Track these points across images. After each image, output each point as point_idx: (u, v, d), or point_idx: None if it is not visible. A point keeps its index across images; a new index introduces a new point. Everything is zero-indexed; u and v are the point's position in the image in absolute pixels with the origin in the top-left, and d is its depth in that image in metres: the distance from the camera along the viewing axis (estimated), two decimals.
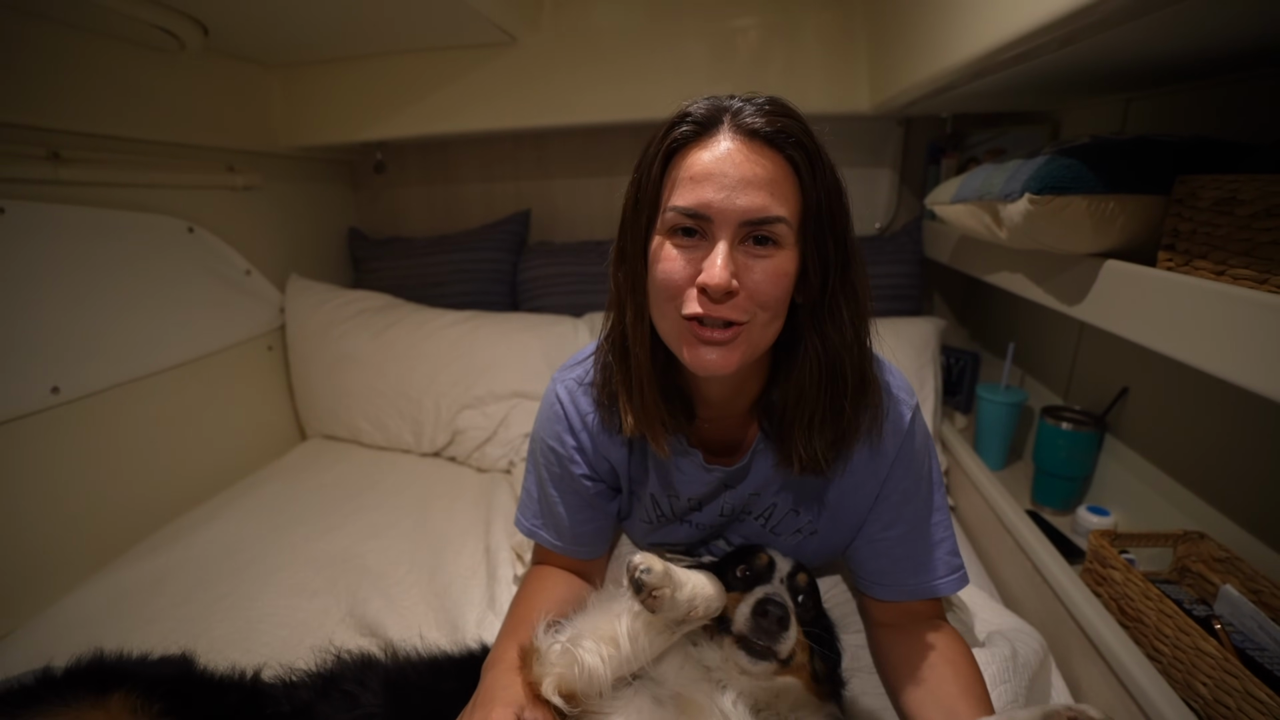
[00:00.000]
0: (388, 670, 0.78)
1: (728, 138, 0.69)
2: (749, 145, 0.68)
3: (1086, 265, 0.99)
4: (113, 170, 1.43)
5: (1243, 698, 0.75)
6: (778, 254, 0.70)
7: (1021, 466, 1.61)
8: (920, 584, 0.85)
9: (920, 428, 0.86)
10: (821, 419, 0.77)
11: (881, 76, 1.56)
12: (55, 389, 1.26)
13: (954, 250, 1.61)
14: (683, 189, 0.70)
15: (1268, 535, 0.96)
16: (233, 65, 1.75)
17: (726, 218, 0.68)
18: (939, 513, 0.87)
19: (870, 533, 0.87)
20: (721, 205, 0.67)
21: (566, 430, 0.91)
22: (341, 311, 1.87)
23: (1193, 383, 1.13)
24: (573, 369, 0.93)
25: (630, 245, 0.76)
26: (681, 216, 0.69)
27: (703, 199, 0.68)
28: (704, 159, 0.69)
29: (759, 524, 0.92)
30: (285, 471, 1.69)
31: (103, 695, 0.68)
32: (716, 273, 0.67)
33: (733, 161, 0.68)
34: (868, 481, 0.85)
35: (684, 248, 0.70)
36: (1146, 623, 0.92)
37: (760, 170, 0.68)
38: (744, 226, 0.68)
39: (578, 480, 0.92)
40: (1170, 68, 1.04)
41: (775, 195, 0.68)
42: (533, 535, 0.97)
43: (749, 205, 0.67)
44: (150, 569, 1.26)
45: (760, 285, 0.69)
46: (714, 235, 0.69)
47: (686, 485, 0.90)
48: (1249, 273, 0.73)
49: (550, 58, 1.77)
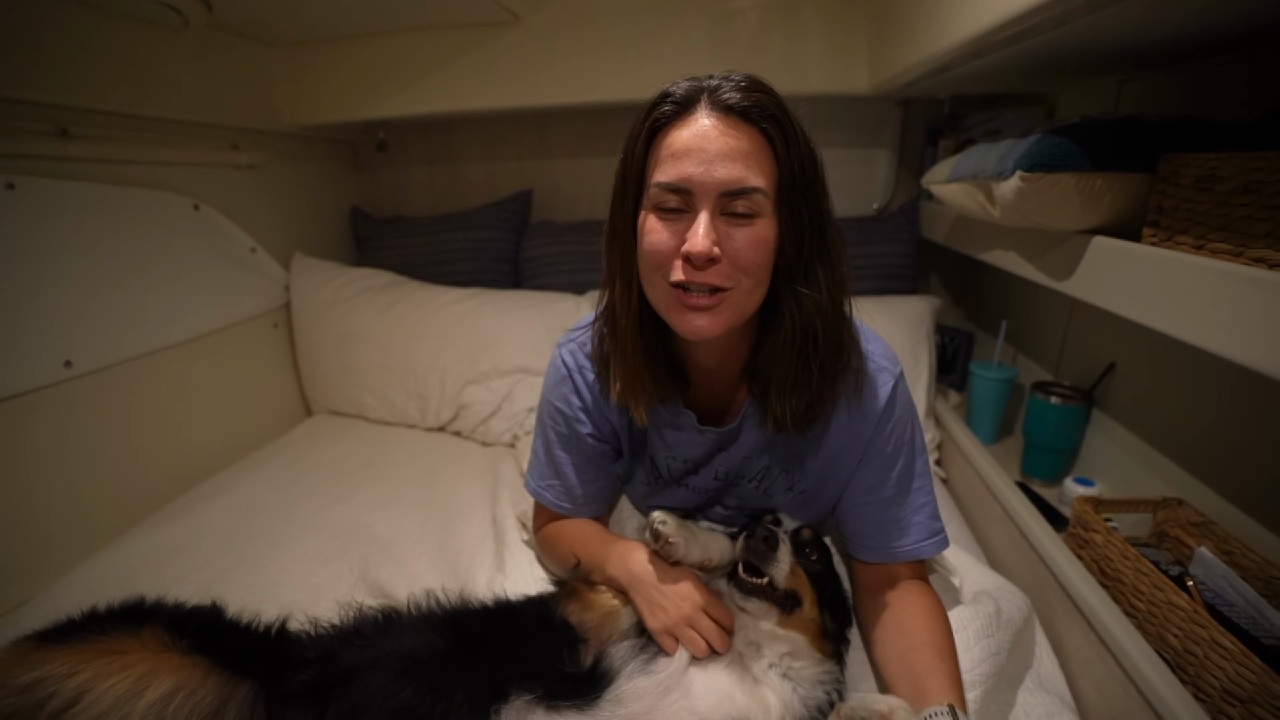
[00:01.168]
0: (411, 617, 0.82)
1: (705, 115, 0.73)
2: (725, 121, 0.73)
3: (1075, 242, 1.02)
4: (119, 147, 1.45)
5: (1209, 646, 0.79)
6: (756, 222, 0.74)
7: (1012, 441, 1.65)
8: (902, 546, 0.89)
9: (903, 395, 0.91)
10: (795, 380, 0.81)
11: (880, 57, 1.58)
12: (68, 363, 1.29)
13: (949, 230, 1.64)
14: (665, 165, 0.74)
15: (1241, 500, 1.01)
16: (236, 43, 1.75)
17: (706, 189, 0.72)
18: (921, 478, 0.91)
19: (854, 496, 0.92)
20: (702, 178, 0.72)
21: (572, 391, 0.96)
22: (346, 289, 1.90)
23: (1175, 358, 1.17)
24: (575, 334, 0.98)
25: (619, 223, 0.81)
26: (665, 192, 0.74)
27: (684, 173, 0.72)
28: (684, 136, 0.73)
29: (753, 487, 0.97)
30: (293, 446, 1.72)
31: (138, 627, 0.75)
32: (699, 240, 0.71)
33: (710, 137, 0.72)
34: (851, 445, 0.89)
35: (669, 221, 0.75)
36: (1124, 581, 0.97)
37: (736, 143, 0.72)
38: (723, 198, 0.73)
39: (584, 439, 0.97)
40: (1160, 50, 1.06)
41: (751, 167, 0.73)
42: (539, 495, 1.02)
43: (727, 176, 0.72)
44: (165, 538, 1.29)
45: (741, 252, 0.74)
46: (696, 207, 0.73)
47: (683, 446, 0.95)
48: (1226, 246, 0.76)
49: (552, 37, 1.78)
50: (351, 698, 0.70)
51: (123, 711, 0.67)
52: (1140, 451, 1.25)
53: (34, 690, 0.67)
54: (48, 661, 0.69)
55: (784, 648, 0.80)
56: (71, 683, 0.67)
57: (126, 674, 0.69)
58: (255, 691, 0.72)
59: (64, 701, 0.66)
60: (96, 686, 0.68)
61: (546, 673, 0.73)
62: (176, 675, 0.71)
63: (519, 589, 1.01)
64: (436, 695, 0.70)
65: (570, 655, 0.77)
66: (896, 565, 0.91)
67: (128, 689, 0.68)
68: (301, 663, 0.75)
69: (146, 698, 0.68)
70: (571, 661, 0.76)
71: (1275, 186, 0.70)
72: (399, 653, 0.75)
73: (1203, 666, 0.81)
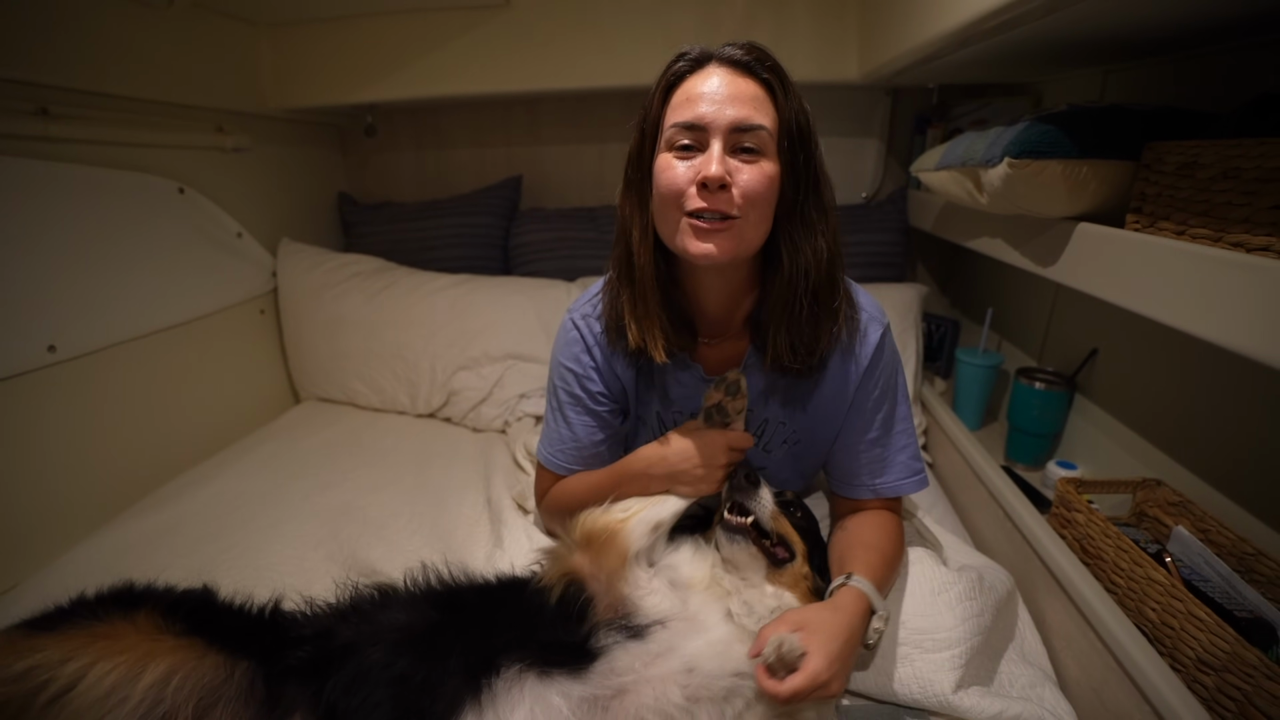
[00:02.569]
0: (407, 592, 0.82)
1: (715, 68, 0.84)
2: (733, 71, 0.84)
3: (1060, 228, 1.04)
4: (102, 128, 1.42)
5: (1185, 619, 0.82)
6: (761, 159, 0.83)
7: (997, 426, 1.68)
8: (884, 483, 0.99)
9: (890, 345, 1.01)
10: (792, 316, 0.89)
11: (870, 45, 1.58)
12: (51, 348, 1.27)
13: (937, 218, 1.66)
14: (681, 109, 0.84)
15: (1217, 481, 1.04)
16: (221, 23, 1.72)
17: (718, 125, 0.81)
18: (903, 422, 1.00)
19: (844, 439, 1.00)
20: (714, 116, 0.81)
21: (583, 350, 1.02)
22: (335, 275, 1.88)
23: (1155, 342, 1.20)
24: (584, 304, 1.04)
25: (634, 172, 0.91)
26: (681, 131, 0.83)
27: (697, 112, 0.82)
28: (698, 85, 0.84)
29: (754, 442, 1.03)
30: (281, 432, 1.71)
31: (131, 612, 0.74)
32: (713, 166, 0.80)
33: (720, 84, 0.83)
34: (842, 390, 0.97)
35: (684, 158, 0.84)
36: (1105, 559, 1.00)
37: (743, 89, 0.83)
38: (733, 133, 0.82)
39: (594, 396, 1.02)
40: (1145, 40, 1.08)
41: (757, 109, 0.82)
42: (550, 461, 1.07)
43: (736, 114, 0.81)
44: (153, 524, 1.28)
45: (749, 184, 0.82)
46: (708, 143, 0.82)
47: (687, 400, 1.02)
48: (1206, 231, 0.78)
49: (542, 21, 1.77)
50: (350, 670, 0.70)
51: (121, 694, 0.66)
52: (1121, 435, 1.28)
53: (27, 678, 0.66)
54: (40, 649, 0.68)
55: (774, 603, 0.82)
56: (67, 669, 0.66)
57: (123, 657, 0.69)
58: (254, 669, 0.72)
59: (60, 688, 0.65)
60: (92, 671, 0.67)
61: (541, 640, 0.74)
62: (173, 657, 0.70)
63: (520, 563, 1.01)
64: (431, 664, 0.71)
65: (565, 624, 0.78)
66: (877, 500, 1.01)
67: (125, 672, 0.68)
68: (299, 640, 0.76)
69: (144, 680, 0.68)
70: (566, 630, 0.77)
71: (1253, 173, 0.72)
72: (395, 626, 0.75)
73: (1179, 638, 0.83)
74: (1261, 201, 0.70)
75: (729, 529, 0.86)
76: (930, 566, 0.95)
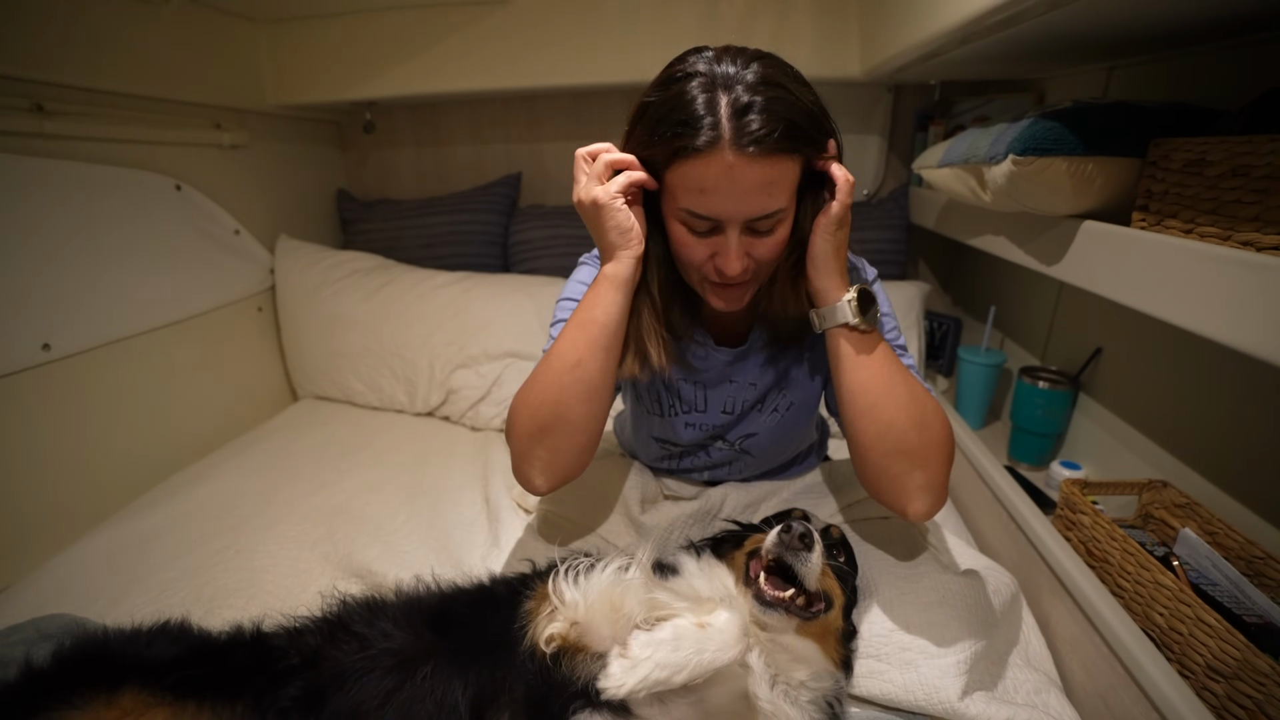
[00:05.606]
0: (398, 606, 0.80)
1: (730, 153, 0.72)
2: (751, 160, 0.72)
3: (1065, 226, 1.03)
4: (98, 124, 1.41)
5: (1194, 624, 0.81)
6: (779, 229, 0.81)
7: (1000, 426, 1.67)
8: None
9: (879, 289, 0.97)
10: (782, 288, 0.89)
11: (872, 41, 1.57)
12: (46, 345, 1.26)
13: (939, 215, 1.64)
14: (693, 197, 0.77)
15: (1224, 482, 1.03)
16: (219, 18, 1.71)
17: (735, 220, 0.77)
18: (902, 350, 0.93)
19: None
20: (731, 214, 0.77)
21: None
22: (333, 273, 1.87)
23: (1160, 341, 1.18)
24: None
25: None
26: (695, 219, 0.79)
27: (713, 209, 0.77)
28: (711, 175, 0.74)
29: (755, 410, 1.04)
30: (278, 431, 1.70)
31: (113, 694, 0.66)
32: (732, 264, 0.79)
33: (735, 178, 0.73)
34: None
35: (699, 234, 0.81)
36: (1111, 562, 0.98)
37: (761, 176, 0.74)
38: (750, 221, 0.78)
39: None
40: (1149, 36, 1.06)
41: (774, 194, 0.76)
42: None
43: (752, 209, 0.76)
44: (148, 524, 1.27)
45: (765, 255, 0.82)
46: (725, 229, 0.79)
47: (699, 366, 1.01)
48: (1215, 230, 0.77)
49: (541, 17, 1.76)
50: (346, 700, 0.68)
51: None
52: (1126, 435, 1.26)
53: None
54: None
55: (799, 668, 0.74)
56: None
57: None
58: (249, 710, 0.69)
59: None
60: None
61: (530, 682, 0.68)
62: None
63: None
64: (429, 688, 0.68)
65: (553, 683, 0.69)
66: None
67: None
68: (288, 672, 0.72)
69: None
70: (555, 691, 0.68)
71: (1264, 170, 0.70)
72: (388, 650, 0.72)
73: (1187, 644, 0.82)
74: (1272, 200, 0.69)
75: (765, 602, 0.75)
76: (934, 570, 0.93)
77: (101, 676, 0.68)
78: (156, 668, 0.70)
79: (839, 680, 0.77)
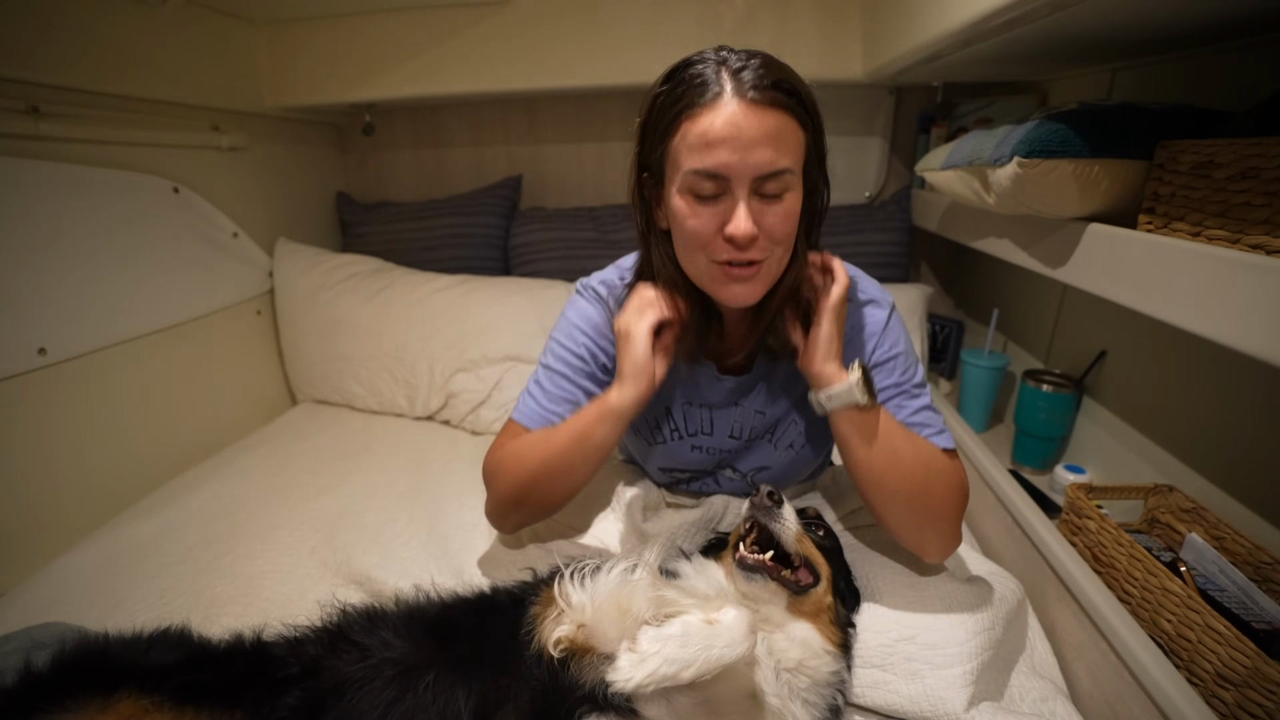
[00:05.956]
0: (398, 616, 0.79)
1: (734, 100, 0.75)
2: (754, 105, 0.75)
3: (1071, 229, 1.02)
4: (94, 126, 1.40)
5: (1203, 631, 0.80)
6: (787, 197, 0.79)
7: (1003, 429, 1.66)
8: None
9: (896, 321, 0.97)
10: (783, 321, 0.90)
11: (874, 43, 1.56)
12: (42, 350, 1.25)
13: (942, 218, 1.64)
14: (699, 153, 0.76)
15: (1231, 486, 1.02)
16: (217, 20, 1.70)
17: (742, 176, 0.76)
18: (919, 389, 0.95)
19: None
20: (738, 166, 0.75)
21: (606, 323, 0.98)
22: (332, 276, 1.86)
23: (1166, 344, 1.18)
24: (595, 278, 1.03)
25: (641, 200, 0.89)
26: (701, 179, 0.77)
27: (720, 161, 0.75)
28: (716, 124, 0.75)
29: (766, 441, 1.03)
30: (277, 435, 1.69)
31: (109, 699, 0.65)
32: (742, 224, 0.77)
33: (741, 123, 0.74)
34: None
35: (706, 204, 0.79)
36: (1118, 567, 0.98)
37: (765, 126, 0.75)
38: (757, 180, 0.77)
39: (605, 369, 1.00)
40: (1154, 38, 1.06)
41: (780, 148, 0.76)
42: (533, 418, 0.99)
43: (760, 162, 0.75)
44: (146, 529, 1.26)
45: (775, 227, 0.79)
46: (732, 191, 0.77)
47: (702, 393, 1.01)
48: (1223, 233, 0.76)
49: (541, 19, 1.75)
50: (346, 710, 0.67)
51: None
52: (1130, 438, 1.26)
53: None
54: None
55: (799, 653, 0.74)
56: None
57: None
58: (248, 718, 0.68)
59: None
60: None
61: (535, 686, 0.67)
62: None
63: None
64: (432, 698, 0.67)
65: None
66: None
67: None
68: (287, 681, 0.71)
69: None
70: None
71: (1273, 173, 0.70)
72: (389, 660, 0.71)
73: (1196, 651, 0.81)
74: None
75: (746, 567, 0.77)
76: (939, 578, 0.92)
77: (98, 681, 0.67)
78: (154, 673, 0.70)
79: (839, 662, 0.77)
